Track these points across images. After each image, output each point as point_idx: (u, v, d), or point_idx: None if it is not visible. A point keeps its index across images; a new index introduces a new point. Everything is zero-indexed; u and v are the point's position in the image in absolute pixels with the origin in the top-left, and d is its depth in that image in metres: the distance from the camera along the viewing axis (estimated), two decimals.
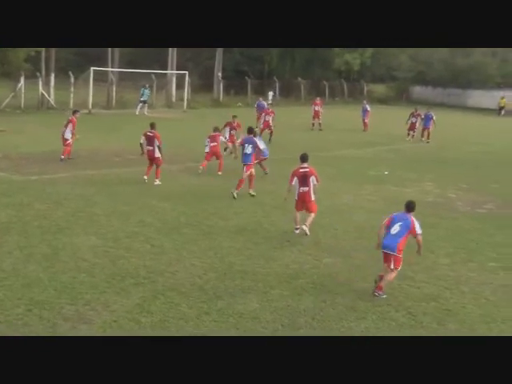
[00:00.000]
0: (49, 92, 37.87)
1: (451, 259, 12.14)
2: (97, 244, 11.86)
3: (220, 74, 49.13)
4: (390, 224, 10.10)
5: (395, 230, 10.00)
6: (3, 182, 17.00)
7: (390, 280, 10.13)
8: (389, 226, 10.11)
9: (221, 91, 48.87)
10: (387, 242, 10.03)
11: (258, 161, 18.89)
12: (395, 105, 54.35)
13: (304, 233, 13.07)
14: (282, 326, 8.69)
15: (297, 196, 13.33)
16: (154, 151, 17.77)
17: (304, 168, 13.30)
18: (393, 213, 10.45)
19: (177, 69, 45.28)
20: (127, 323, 8.50)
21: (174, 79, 45.42)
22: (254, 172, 16.95)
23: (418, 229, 10.04)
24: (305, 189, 13.19)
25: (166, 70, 45.35)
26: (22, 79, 36.31)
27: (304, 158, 13.44)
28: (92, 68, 38.11)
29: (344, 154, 25.94)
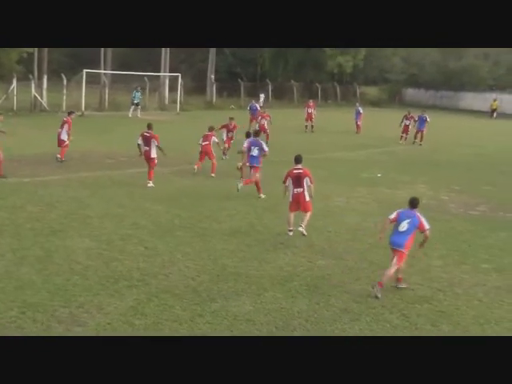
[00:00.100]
0: (41, 94, 37.79)
1: (444, 261, 12.18)
2: (90, 246, 11.83)
3: (213, 77, 49.15)
4: (398, 221, 10.31)
5: (403, 228, 10.20)
6: None
7: (390, 276, 10.27)
8: (396, 223, 10.32)
9: (214, 93, 48.91)
10: (395, 239, 10.27)
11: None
12: (388, 107, 54.56)
13: (301, 233, 13.12)
14: (276, 328, 8.69)
15: (291, 197, 13.36)
16: (151, 152, 17.72)
17: (298, 169, 13.35)
18: (398, 209, 10.59)
19: (170, 71, 45.29)
20: (121, 325, 8.48)
21: (167, 81, 45.45)
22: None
23: (426, 224, 10.30)
24: (299, 190, 13.24)
25: (159, 72, 45.35)
26: (15, 81, 36.21)
27: (298, 160, 13.50)
28: (85, 70, 38.06)
29: (337, 157, 25.98)
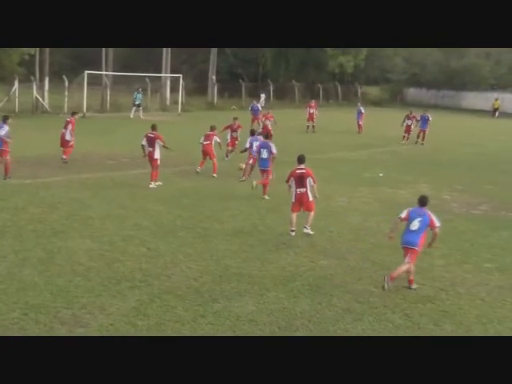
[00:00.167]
0: (43, 96, 37.80)
1: (446, 260, 12.16)
2: (92, 247, 11.83)
3: (214, 77, 49.12)
4: (409, 220, 10.42)
5: (415, 227, 10.32)
6: None
7: (403, 272, 10.41)
8: (407, 222, 10.43)
9: (215, 94, 48.88)
10: (408, 238, 10.38)
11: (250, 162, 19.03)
12: (389, 107, 54.46)
13: (306, 234, 13.20)
14: (279, 329, 8.68)
15: (294, 197, 13.37)
16: (154, 153, 17.73)
17: (301, 169, 13.37)
18: (408, 208, 10.71)
19: (171, 72, 45.28)
20: (123, 326, 8.48)
21: (169, 82, 45.46)
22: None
23: (437, 222, 10.42)
24: (302, 190, 13.26)
25: (160, 74, 45.36)
26: (16, 83, 36.22)
27: (301, 160, 13.53)
28: (86, 71, 38.04)
29: (339, 156, 25.96)
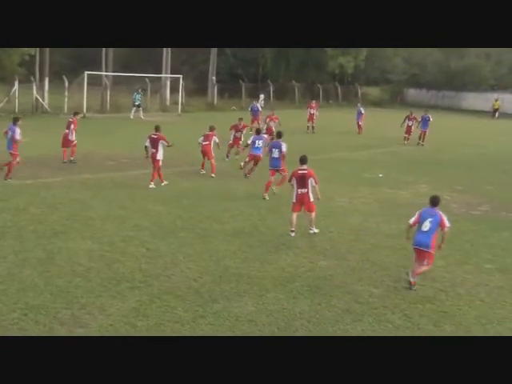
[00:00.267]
0: (43, 96, 37.80)
1: (446, 261, 12.15)
2: (92, 248, 11.84)
3: (214, 78, 49.11)
4: (420, 220, 10.54)
5: (426, 227, 10.44)
6: None
7: (423, 271, 10.61)
8: (419, 223, 10.54)
9: (215, 95, 48.87)
10: (420, 239, 10.50)
11: (250, 158, 19.13)
12: (389, 107, 54.48)
13: (312, 233, 13.39)
14: (278, 329, 8.69)
15: (295, 198, 13.40)
16: (157, 154, 17.79)
17: (303, 170, 13.40)
18: (419, 210, 10.80)
19: (171, 72, 45.29)
20: (123, 327, 8.49)
21: (169, 83, 45.46)
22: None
23: (447, 222, 10.52)
24: (303, 190, 13.28)
25: (161, 74, 45.36)
26: (16, 83, 36.21)
27: (303, 160, 13.56)
28: (86, 72, 38.04)
29: (339, 157, 25.97)
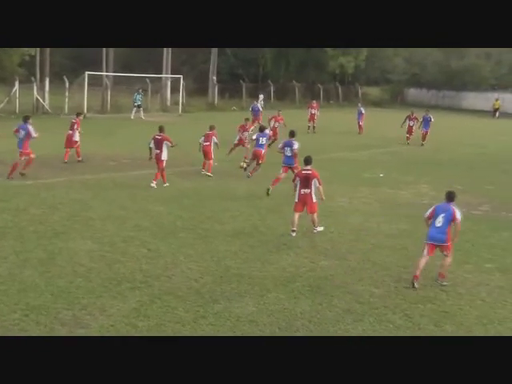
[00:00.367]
0: (43, 97, 37.81)
1: None
2: (93, 248, 11.84)
3: (215, 78, 49.12)
4: (434, 215, 10.77)
5: (439, 223, 10.66)
6: None
7: (449, 265, 10.85)
8: (433, 217, 10.76)
9: (216, 95, 48.88)
10: (433, 235, 10.71)
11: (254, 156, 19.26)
12: (390, 107, 54.48)
13: (317, 232, 13.49)
14: (279, 329, 8.69)
15: (297, 198, 13.42)
16: (161, 154, 17.83)
17: (307, 170, 13.43)
18: (434, 205, 11.08)
19: (172, 72, 45.30)
20: (124, 327, 8.49)
21: (169, 83, 45.47)
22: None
23: (458, 216, 10.73)
24: (306, 191, 13.31)
25: (161, 74, 45.38)
26: (17, 84, 36.22)
27: (307, 161, 13.62)
28: (86, 72, 38.10)
29: (339, 157, 25.96)
